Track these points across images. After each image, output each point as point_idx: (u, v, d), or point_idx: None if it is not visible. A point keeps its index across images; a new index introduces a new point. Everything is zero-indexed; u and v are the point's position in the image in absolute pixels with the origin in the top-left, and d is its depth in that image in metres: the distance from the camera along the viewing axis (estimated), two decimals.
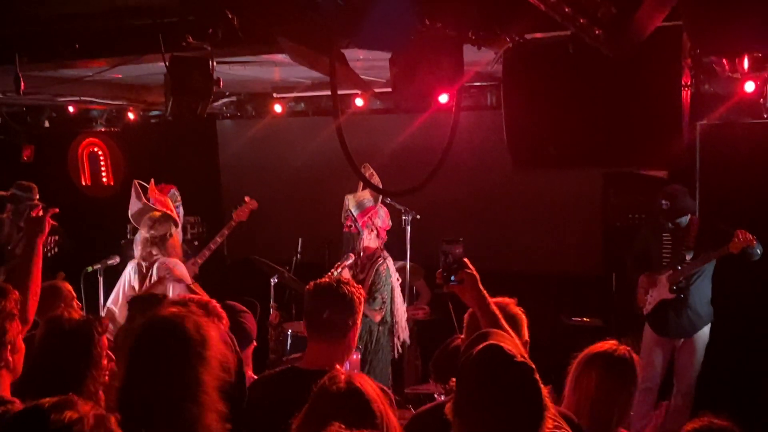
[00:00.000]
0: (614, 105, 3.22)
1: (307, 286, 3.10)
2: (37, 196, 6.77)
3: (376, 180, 5.67)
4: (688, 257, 5.79)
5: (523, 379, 2.07)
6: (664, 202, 5.79)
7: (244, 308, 3.80)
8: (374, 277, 5.61)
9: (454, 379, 2.22)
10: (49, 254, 6.69)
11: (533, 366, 2.10)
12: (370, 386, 2.28)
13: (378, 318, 5.64)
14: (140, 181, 6.01)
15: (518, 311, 2.87)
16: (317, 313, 2.98)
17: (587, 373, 2.94)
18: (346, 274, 5.62)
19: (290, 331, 6.16)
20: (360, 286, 3.13)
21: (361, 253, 5.81)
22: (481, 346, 2.11)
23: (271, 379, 3.07)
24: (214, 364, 2.22)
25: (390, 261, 5.76)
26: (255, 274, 6.96)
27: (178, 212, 6.80)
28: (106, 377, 2.67)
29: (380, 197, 5.78)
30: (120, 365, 2.28)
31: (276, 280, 6.54)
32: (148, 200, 5.79)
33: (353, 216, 5.83)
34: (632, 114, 3.20)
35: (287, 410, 2.31)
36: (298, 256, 7.74)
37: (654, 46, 2.64)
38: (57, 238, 6.77)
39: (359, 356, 5.82)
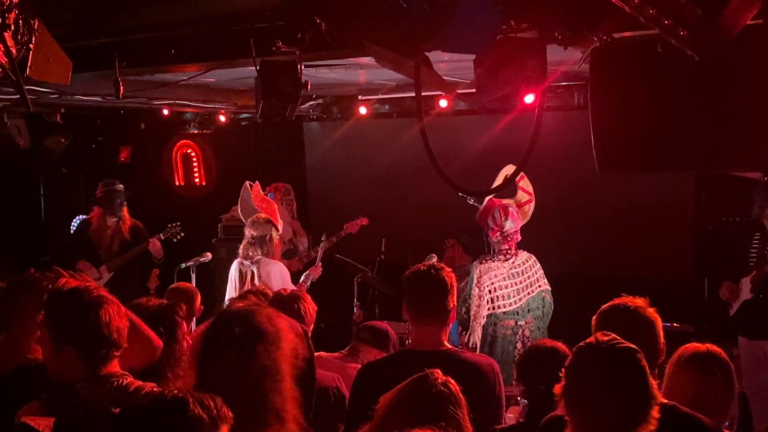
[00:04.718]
0: (707, 105, 3.12)
1: (406, 275, 3.22)
2: (122, 186, 7.10)
3: (526, 182, 5.57)
4: None
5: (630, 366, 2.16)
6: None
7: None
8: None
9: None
10: (174, 239, 7.06)
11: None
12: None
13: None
14: (250, 182, 6.23)
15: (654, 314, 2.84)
16: (420, 300, 3.13)
17: (683, 374, 2.87)
18: None
19: None
20: (451, 269, 3.25)
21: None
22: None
23: (385, 362, 3.19)
24: (288, 353, 2.29)
25: (477, 266, 5.45)
26: (339, 273, 7.07)
27: (290, 207, 7.01)
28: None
29: (488, 196, 5.57)
30: (195, 361, 2.35)
31: (359, 280, 6.63)
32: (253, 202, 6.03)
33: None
34: (727, 114, 3.09)
35: None
36: (382, 256, 7.80)
37: (747, 43, 2.56)
38: (179, 223, 7.09)
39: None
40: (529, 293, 5.44)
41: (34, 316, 2.89)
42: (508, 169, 5.64)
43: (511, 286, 5.39)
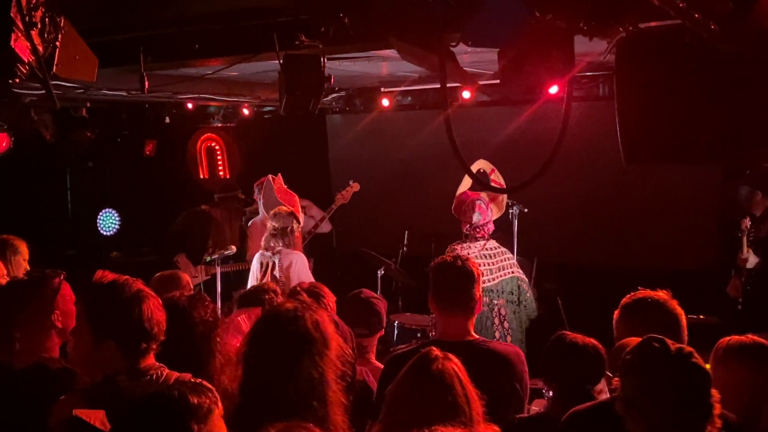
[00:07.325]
0: (735, 96, 3.07)
1: (431, 265, 3.27)
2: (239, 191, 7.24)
3: (497, 174, 5.69)
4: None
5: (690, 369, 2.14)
6: None
7: (378, 296, 3.94)
8: None
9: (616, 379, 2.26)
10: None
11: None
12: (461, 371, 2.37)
13: None
14: (273, 175, 6.28)
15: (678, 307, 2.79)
16: (446, 290, 3.17)
17: (733, 369, 2.78)
18: None
19: (396, 322, 6.24)
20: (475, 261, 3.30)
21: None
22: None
23: (411, 353, 3.18)
24: (334, 358, 2.31)
25: (451, 249, 5.52)
26: (362, 266, 7.09)
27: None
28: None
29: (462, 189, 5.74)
30: (242, 359, 2.36)
31: (383, 272, 6.65)
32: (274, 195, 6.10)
33: None
34: (755, 106, 3.05)
35: None
36: (405, 248, 7.81)
37: None
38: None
39: None
40: (502, 275, 5.50)
41: (47, 313, 2.93)
42: (480, 164, 5.83)
43: (483, 265, 5.41)
